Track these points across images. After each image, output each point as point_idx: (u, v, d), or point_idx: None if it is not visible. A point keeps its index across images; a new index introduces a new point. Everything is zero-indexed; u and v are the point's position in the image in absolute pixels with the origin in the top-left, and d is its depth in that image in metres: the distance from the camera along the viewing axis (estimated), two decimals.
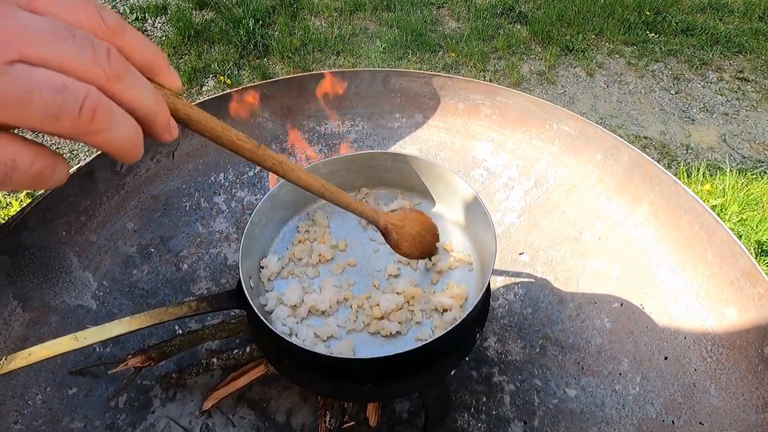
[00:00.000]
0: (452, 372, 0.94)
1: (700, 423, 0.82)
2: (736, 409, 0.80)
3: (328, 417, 0.85)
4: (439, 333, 0.69)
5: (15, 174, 0.28)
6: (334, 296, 0.76)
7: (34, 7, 0.27)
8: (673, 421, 0.84)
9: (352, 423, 0.88)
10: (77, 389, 0.90)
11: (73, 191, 1.05)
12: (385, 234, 0.67)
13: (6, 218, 1.84)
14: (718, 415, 0.81)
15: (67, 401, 0.88)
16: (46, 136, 2.19)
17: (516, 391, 0.93)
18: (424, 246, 0.72)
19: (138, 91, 0.31)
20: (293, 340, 0.68)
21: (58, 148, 2.48)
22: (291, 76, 1.31)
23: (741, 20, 3.60)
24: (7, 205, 2.18)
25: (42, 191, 1.08)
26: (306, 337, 0.72)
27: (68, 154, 2.46)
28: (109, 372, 0.89)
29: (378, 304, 0.74)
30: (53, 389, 0.89)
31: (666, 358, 0.90)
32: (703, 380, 0.85)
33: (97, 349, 0.96)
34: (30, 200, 1.39)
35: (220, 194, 1.23)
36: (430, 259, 0.78)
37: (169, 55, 3.03)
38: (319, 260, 0.82)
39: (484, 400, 0.92)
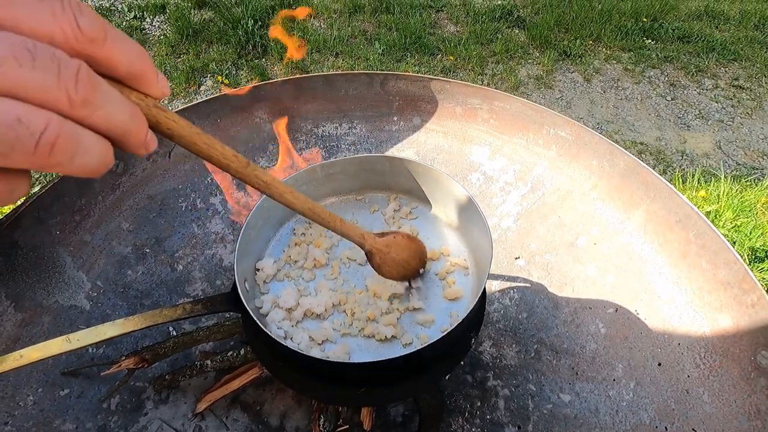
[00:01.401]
0: (447, 376, 0.94)
1: (693, 430, 0.82)
2: (728, 416, 0.81)
3: (321, 420, 0.84)
4: (433, 338, 0.69)
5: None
6: (330, 299, 0.76)
7: None
8: (666, 428, 0.84)
9: (346, 426, 0.87)
10: (69, 390, 0.89)
11: (68, 190, 1.04)
12: (369, 257, 0.69)
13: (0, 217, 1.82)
14: (710, 422, 0.81)
15: (58, 403, 0.87)
16: None
17: (510, 396, 0.93)
18: (407, 271, 0.74)
19: (109, 112, 0.28)
20: (288, 343, 0.68)
21: None
22: (289, 77, 1.30)
23: (736, 28, 3.64)
24: None
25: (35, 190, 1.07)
26: (301, 340, 0.72)
27: None
28: (101, 373, 0.89)
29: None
30: (45, 390, 0.88)
31: (660, 365, 0.91)
32: (696, 387, 0.86)
33: (90, 351, 0.95)
34: (24, 198, 1.38)
35: (216, 195, 1.22)
36: (410, 284, 0.77)
37: (167, 54, 3.02)
38: (315, 265, 0.82)
39: (479, 404, 0.92)
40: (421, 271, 0.76)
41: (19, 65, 0.23)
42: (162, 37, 3.16)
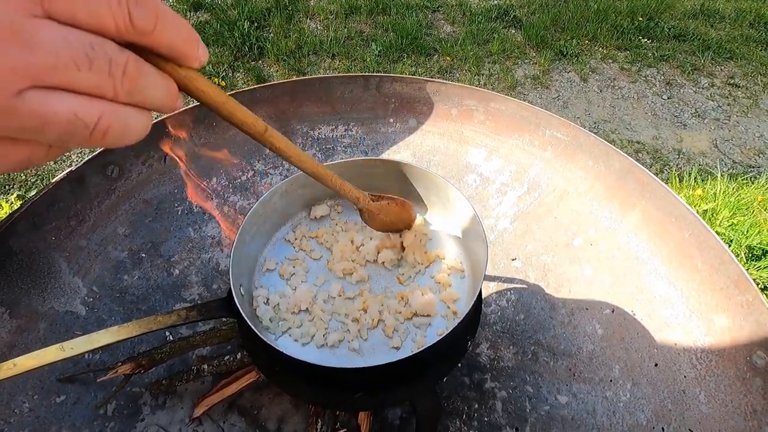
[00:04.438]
0: (444, 379, 0.94)
1: (690, 430, 0.82)
2: (725, 416, 0.81)
3: (319, 424, 0.84)
4: (430, 342, 0.69)
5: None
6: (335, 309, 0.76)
7: (52, 11, 0.25)
8: (663, 428, 0.84)
9: (344, 430, 0.87)
10: (65, 397, 0.89)
11: (63, 195, 1.04)
12: (360, 213, 0.76)
13: None
14: (707, 422, 0.82)
15: (54, 409, 0.87)
16: None
17: (508, 398, 0.93)
18: (391, 229, 0.83)
19: (148, 94, 0.31)
20: (284, 348, 0.68)
21: None
22: (285, 80, 1.30)
23: (732, 27, 3.65)
24: None
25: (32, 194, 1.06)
26: (298, 336, 0.72)
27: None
28: (98, 379, 0.88)
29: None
30: (40, 397, 0.88)
31: (656, 365, 0.91)
32: (693, 387, 0.86)
33: (86, 356, 0.95)
34: (20, 203, 1.37)
35: (212, 199, 1.22)
36: (402, 247, 0.84)
37: None
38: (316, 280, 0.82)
39: (476, 406, 0.92)
40: (405, 230, 0.84)
41: (77, 69, 0.26)
42: None
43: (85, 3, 0.26)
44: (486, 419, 0.90)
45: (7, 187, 2.31)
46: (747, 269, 0.85)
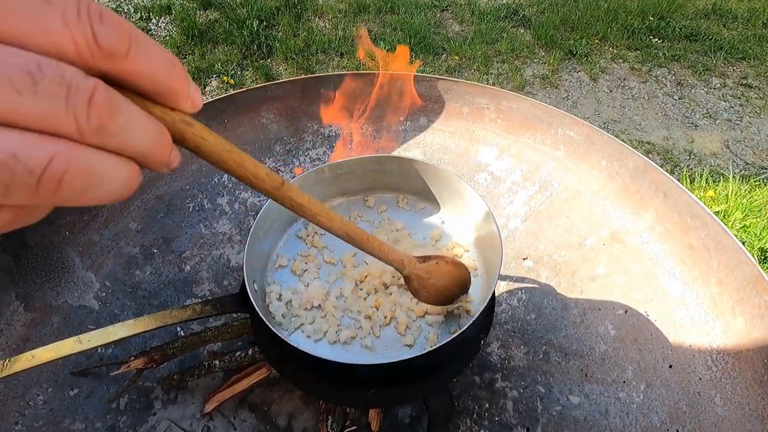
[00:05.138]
0: (456, 378, 0.94)
1: None
2: (741, 420, 0.80)
3: (329, 421, 0.84)
4: (443, 340, 0.69)
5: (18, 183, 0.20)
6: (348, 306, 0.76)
7: None
8: (677, 431, 0.83)
9: (354, 428, 0.87)
10: (78, 390, 0.90)
11: None
12: (407, 281, 0.67)
13: None
14: (723, 425, 0.80)
15: (68, 402, 0.88)
16: None
17: (519, 398, 0.92)
18: (447, 297, 0.71)
19: (128, 137, 0.24)
20: (296, 344, 0.68)
21: None
22: (296, 78, 1.30)
23: (745, 27, 3.60)
24: None
25: None
26: (308, 340, 0.72)
27: None
28: (111, 374, 0.89)
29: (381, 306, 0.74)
30: (54, 390, 0.89)
31: (671, 367, 0.90)
32: (708, 390, 0.85)
33: (99, 351, 0.96)
34: None
35: (223, 195, 1.22)
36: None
37: None
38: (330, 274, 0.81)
39: (487, 406, 0.91)
40: (462, 297, 0.73)
41: (16, 92, 0.19)
42: (168, 38, 3.17)
43: (28, 15, 0.20)
44: (497, 419, 0.90)
45: None
46: (763, 272, 0.84)
